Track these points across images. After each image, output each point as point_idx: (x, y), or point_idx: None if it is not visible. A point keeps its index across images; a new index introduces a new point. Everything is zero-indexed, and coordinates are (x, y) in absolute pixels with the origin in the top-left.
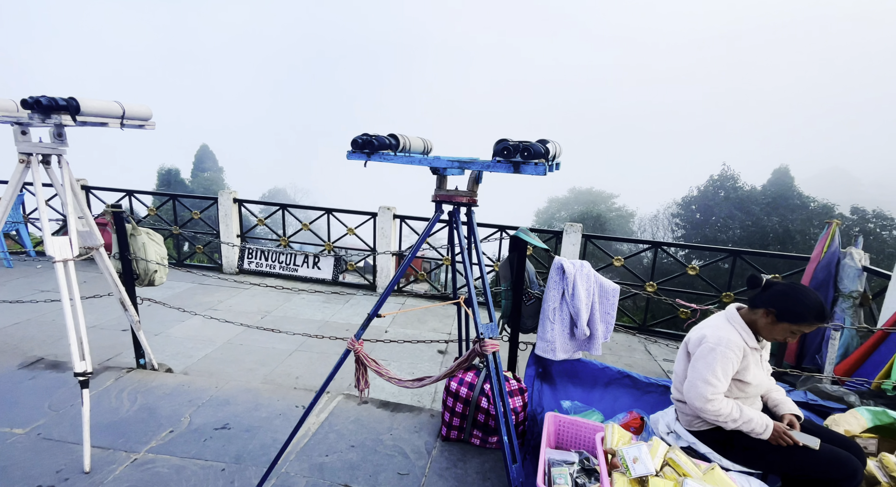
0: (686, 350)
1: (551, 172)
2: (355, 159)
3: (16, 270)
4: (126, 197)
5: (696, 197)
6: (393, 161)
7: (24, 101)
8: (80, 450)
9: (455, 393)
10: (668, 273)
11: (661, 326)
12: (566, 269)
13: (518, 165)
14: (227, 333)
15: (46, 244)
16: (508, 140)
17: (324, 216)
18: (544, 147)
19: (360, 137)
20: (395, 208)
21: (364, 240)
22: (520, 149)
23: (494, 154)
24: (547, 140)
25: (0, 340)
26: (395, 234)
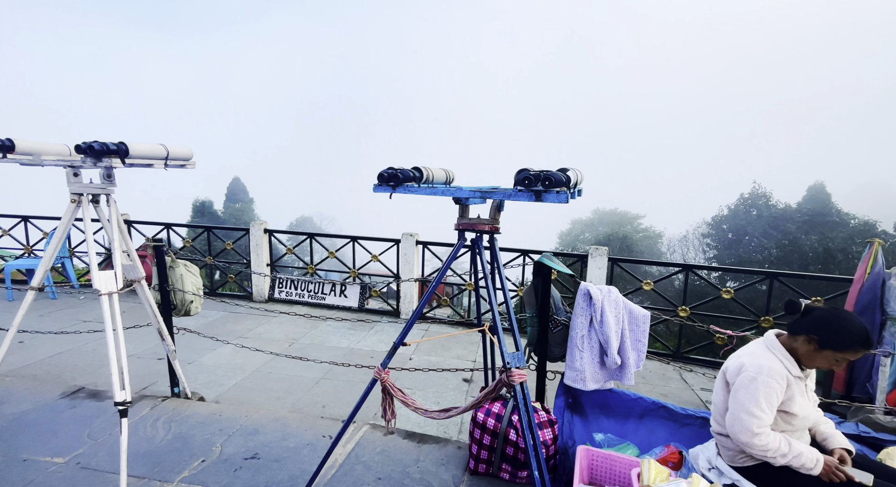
0: (724, 379)
1: (573, 199)
2: (381, 192)
3: (60, 301)
4: (164, 229)
5: (727, 216)
6: (417, 192)
7: (78, 147)
8: (116, 480)
9: (482, 425)
10: (701, 296)
11: (697, 353)
12: (593, 295)
13: (539, 194)
14: (256, 361)
15: (94, 278)
16: (529, 169)
17: (349, 243)
18: (565, 175)
19: (386, 171)
20: (417, 234)
21: (388, 267)
22: (541, 179)
23: (516, 183)
24: (567, 168)
25: (43, 370)
26: (417, 260)
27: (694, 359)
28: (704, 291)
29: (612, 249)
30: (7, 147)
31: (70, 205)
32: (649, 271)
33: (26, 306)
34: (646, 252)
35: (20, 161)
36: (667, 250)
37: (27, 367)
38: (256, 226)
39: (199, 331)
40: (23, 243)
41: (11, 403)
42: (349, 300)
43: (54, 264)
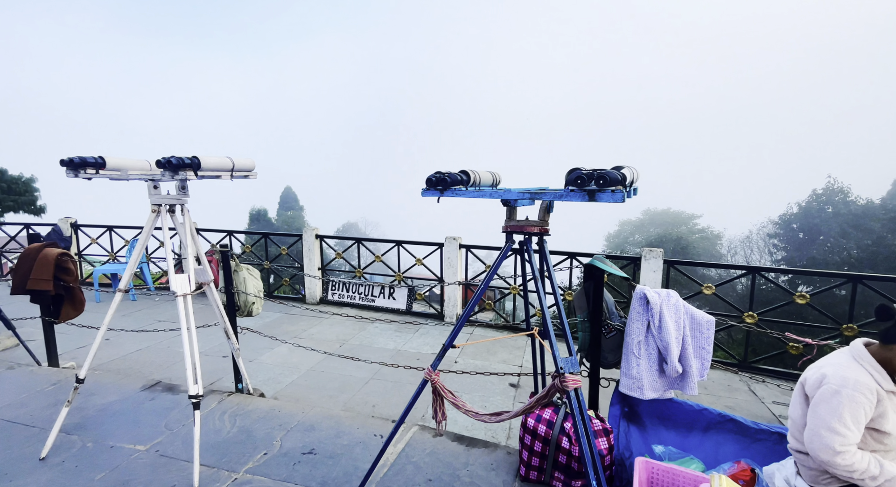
0: (803, 392)
1: (629, 198)
2: (429, 196)
3: (139, 302)
4: (227, 236)
5: (798, 214)
6: (464, 195)
7: (159, 161)
8: (190, 468)
9: (533, 431)
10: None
11: (767, 363)
12: (650, 299)
13: (593, 193)
14: (310, 360)
15: (171, 281)
16: (581, 169)
17: (394, 248)
18: (620, 173)
19: (434, 175)
20: (460, 238)
21: (431, 270)
22: (594, 177)
23: (567, 183)
24: (622, 166)
25: (126, 365)
26: (461, 264)
27: (764, 370)
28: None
29: (666, 251)
30: (99, 164)
31: (151, 215)
32: (708, 274)
33: (114, 307)
34: (703, 254)
35: (110, 176)
36: (727, 252)
37: (113, 362)
38: (308, 232)
39: (260, 331)
40: (108, 250)
41: (100, 394)
42: (397, 302)
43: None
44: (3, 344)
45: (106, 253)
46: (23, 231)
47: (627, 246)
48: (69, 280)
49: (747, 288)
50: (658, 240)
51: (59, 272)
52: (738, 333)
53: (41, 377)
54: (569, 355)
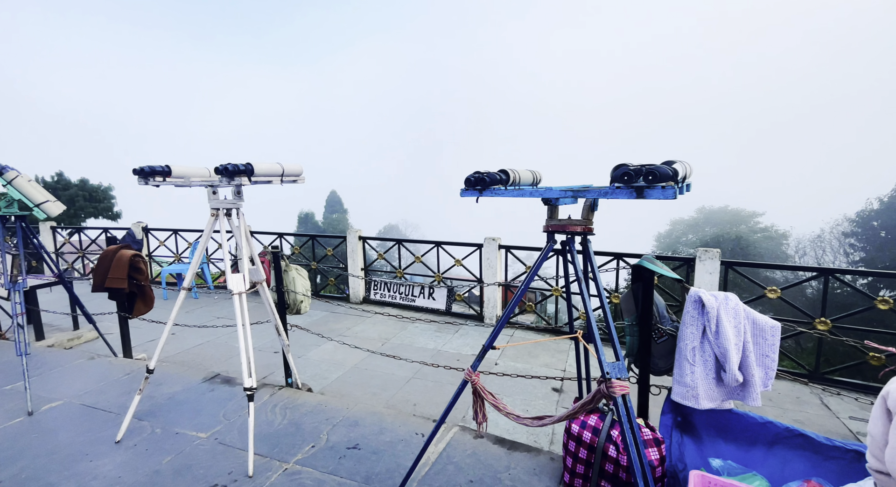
0: (885, 406)
1: (682, 195)
2: (468, 196)
3: (200, 300)
4: (277, 238)
5: (879, 211)
6: (504, 195)
7: (216, 169)
8: (245, 456)
9: (577, 437)
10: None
11: (842, 374)
12: (706, 303)
13: (641, 190)
14: (354, 358)
15: (228, 280)
16: (628, 165)
17: (433, 249)
18: (671, 168)
19: (473, 176)
20: (499, 239)
21: (470, 271)
22: (643, 173)
23: (613, 180)
24: (673, 161)
25: (189, 358)
26: (500, 265)
27: (839, 381)
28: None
29: (723, 252)
30: (165, 172)
31: (210, 219)
32: (772, 277)
33: (179, 304)
34: (767, 255)
35: (175, 183)
36: (794, 252)
37: (178, 355)
38: (352, 234)
39: (308, 328)
40: (173, 251)
41: (167, 384)
42: (437, 302)
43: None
44: (86, 336)
45: (172, 254)
46: (102, 235)
47: (680, 247)
48: (141, 279)
49: (818, 293)
50: (714, 240)
51: (133, 271)
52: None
53: (117, 367)
54: (616, 360)
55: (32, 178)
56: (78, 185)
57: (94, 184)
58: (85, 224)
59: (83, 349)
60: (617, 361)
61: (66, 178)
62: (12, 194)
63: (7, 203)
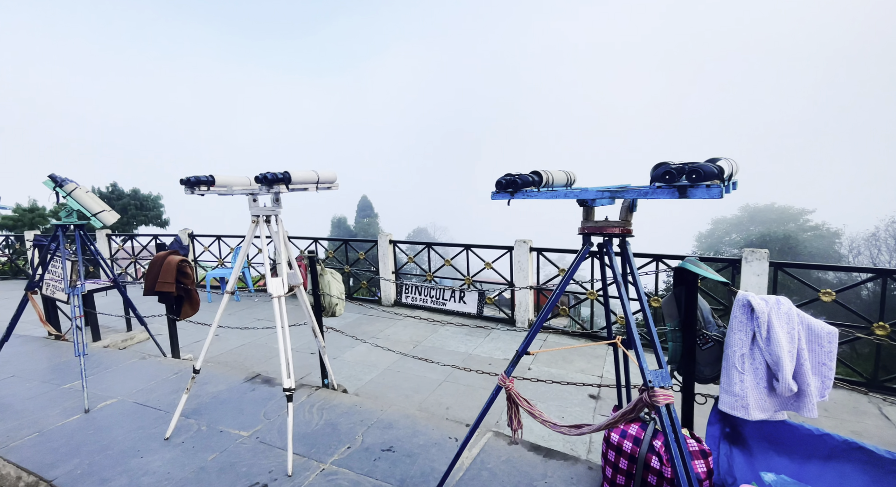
0: None
1: (728, 194)
2: (499, 199)
3: (242, 303)
4: (313, 243)
5: None
6: (537, 197)
7: (257, 177)
8: (284, 455)
9: (618, 447)
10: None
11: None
12: (756, 307)
13: (685, 189)
14: (387, 360)
15: (268, 284)
16: (669, 163)
17: (463, 252)
18: (716, 166)
19: (504, 178)
20: (531, 241)
21: (501, 274)
22: (685, 172)
23: (653, 179)
24: (718, 158)
25: (232, 358)
26: (532, 267)
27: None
28: None
29: (771, 252)
30: (210, 182)
31: (251, 225)
32: (824, 278)
33: (223, 307)
34: (818, 255)
35: (218, 192)
36: (848, 252)
37: (221, 355)
38: (383, 238)
39: (342, 331)
40: (216, 256)
41: (212, 384)
42: (468, 306)
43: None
44: (138, 337)
45: (215, 258)
46: (152, 241)
47: (723, 247)
48: (188, 283)
49: (875, 295)
50: (760, 240)
51: (180, 276)
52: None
53: (166, 367)
54: (658, 367)
55: (90, 189)
56: (130, 195)
57: (145, 194)
58: (136, 231)
59: (135, 349)
60: (660, 368)
61: (119, 189)
62: (71, 205)
63: (67, 213)
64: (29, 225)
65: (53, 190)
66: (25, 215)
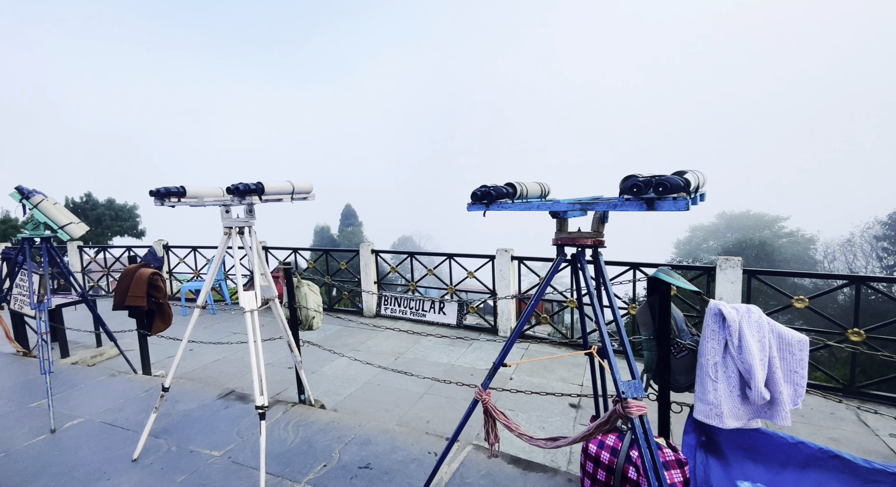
0: None
1: (694, 205)
2: (475, 210)
3: (218, 316)
4: (292, 253)
5: None
6: (511, 209)
7: (228, 188)
8: (257, 476)
9: (596, 459)
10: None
11: (880, 387)
12: (727, 316)
13: (652, 202)
14: (367, 373)
15: (240, 297)
16: (638, 176)
17: (446, 261)
18: (683, 179)
19: (479, 189)
20: (512, 250)
21: (483, 283)
22: (652, 185)
23: (622, 192)
24: (685, 171)
25: (205, 374)
26: (513, 276)
27: (877, 396)
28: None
29: (747, 259)
30: (180, 193)
31: (223, 237)
32: (800, 284)
33: (194, 320)
34: (794, 261)
35: (189, 203)
36: (823, 258)
37: (195, 371)
38: (365, 247)
39: (320, 344)
40: (192, 268)
41: (183, 401)
42: (448, 317)
43: (213, 285)
44: (108, 353)
45: (191, 270)
46: (125, 253)
47: (701, 254)
48: (159, 296)
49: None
50: (737, 247)
51: (152, 289)
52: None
53: (136, 384)
54: (632, 378)
55: (59, 201)
56: (105, 205)
57: (120, 204)
58: (111, 242)
59: (105, 366)
60: (633, 379)
61: (94, 199)
62: (38, 217)
63: (34, 226)
64: (2, 236)
65: (20, 202)
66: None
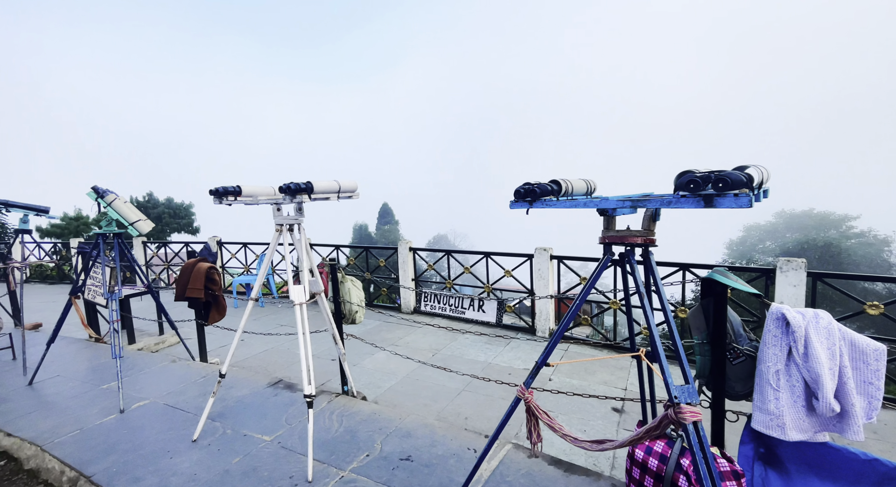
0: None
1: (758, 202)
2: (518, 208)
3: (266, 309)
4: (334, 250)
5: None
6: (556, 206)
7: (281, 187)
8: (304, 461)
9: (643, 465)
10: None
11: None
12: (791, 321)
13: (711, 198)
14: (405, 368)
15: (290, 291)
16: (694, 171)
17: (482, 259)
18: (745, 174)
19: (522, 187)
20: (551, 249)
21: (521, 282)
22: (711, 181)
23: (677, 188)
24: (747, 165)
25: (256, 363)
26: (552, 276)
27: None
28: None
29: (809, 261)
30: (237, 192)
31: (275, 234)
32: (871, 290)
33: (248, 312)
34: (864, 264)
35: (245, 202)
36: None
37: (246, 360)
38: (403, 245)
39: (362, 338)
40: (242, 263)
41: (236, 388)
42: (487, 315)
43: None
44: (169, 341)
45: (241, 265)
46: (183, 248)
47: (756, 255)
48: (216, 289)
49: None
50: (797, 248)
51: (209, 282)
52: None
53: (194, 370)
54: (684, 382)
55: (127, 199)
56: (164, 204)
57: (178, 203)
58: (170, 238)
59: (166, 352)
60: (686, 384)
61: (155, 198)
62: (111, 214)
63: (107, 222)
64: (74, 232)
65: (95, 200)
66: (71, 223)
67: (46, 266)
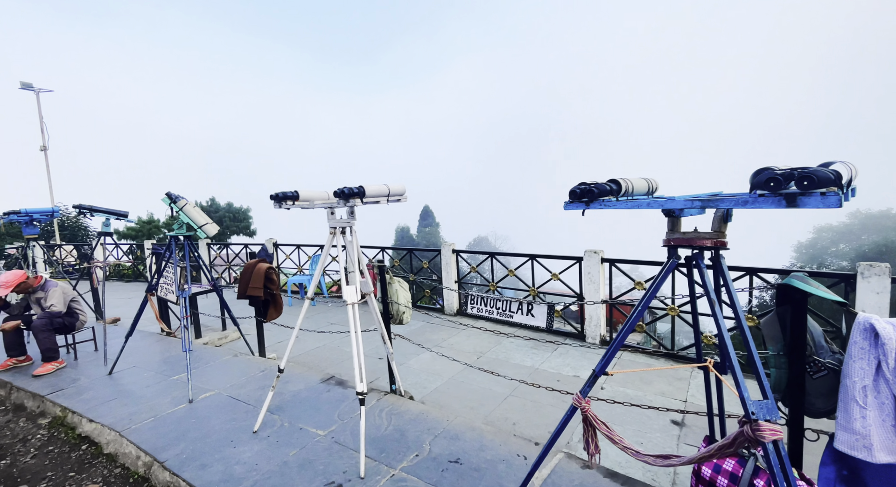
0: None
1: (846, 202)
2: (573, 209)
3: (317, 308)
4: (380, 252)
5: None
6: (615, 207)
7: (335, 192)
8: (357, 457)
9: (710, 483)
10: None
11: None
12: (881, 332)
13: (794, 198)
14: (450, 369)
15: (343, 291)
16: (773, 168)
17: (527, 262)
18: (832, 171)
19: (578, 187)
20: (602, 251)
21: (569, 286)
22: (795, 178)
23: (754, 186)
24: (832, 162)
25: (309, 359)
26: (603, 280)
27: None
28: None
29: (893, 265)
30: (295, 196)
31: (329, 236)
32: None
33: (304, 311)
34: None
35: (302, 206)
36: None
37: (300, 356)
38: (446, 248)
39: (408, 338)
40: (296, 263)
41: (292, 383)
42: (537, 319)
43: None
44: (231, 336)
45: (295, 265)
46: (243, 250)
47: (827, 259)
48: (274, 288)
49: None
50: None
51: (268, 282)
52: None
53: (254, 364)
54: (763, 397)
55: (195, 204)
56: (225, 208)
57: (237, 207)
58: (230, 240)
59: (229, 347)
60: (764, 399)
61: (217, 202)
62: (182, 218)
63: (178, 225)
64: (147, 234)
65: (169, 205)
66: (144, 226)
67: (124, 265)
